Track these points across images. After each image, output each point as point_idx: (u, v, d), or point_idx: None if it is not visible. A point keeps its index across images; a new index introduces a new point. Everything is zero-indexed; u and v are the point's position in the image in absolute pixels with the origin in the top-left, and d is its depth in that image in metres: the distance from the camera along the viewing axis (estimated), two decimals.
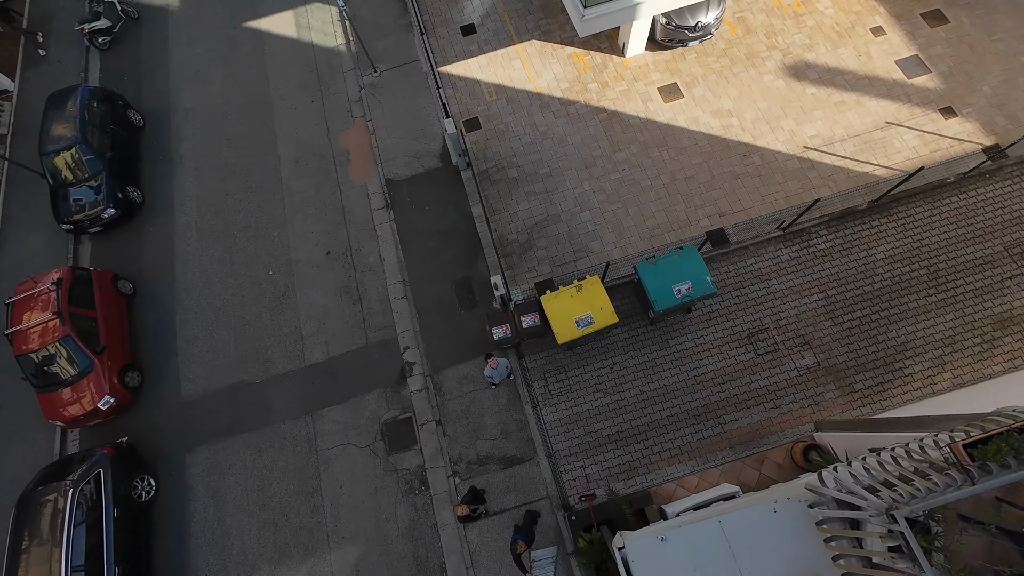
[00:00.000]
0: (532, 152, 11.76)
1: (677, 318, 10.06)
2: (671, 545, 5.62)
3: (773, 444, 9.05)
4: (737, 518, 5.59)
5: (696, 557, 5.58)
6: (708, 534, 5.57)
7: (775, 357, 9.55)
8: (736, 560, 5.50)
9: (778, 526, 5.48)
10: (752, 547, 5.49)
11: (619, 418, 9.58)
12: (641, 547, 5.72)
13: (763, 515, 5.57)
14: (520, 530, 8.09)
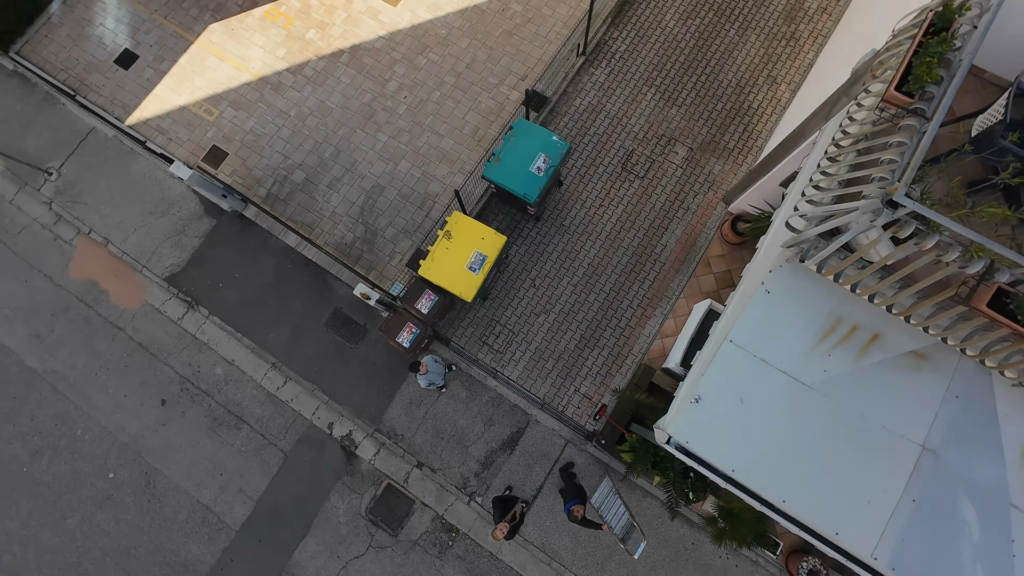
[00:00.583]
0: (301, 141, 9.10)
1: (555, 197, 8.64)
2: (706, 400, 4.74)
3: (706, 242, 8.27)
4: (743, 327, 4.79)
5: (735, 391, 4.76)
6: (730, 362, 4.75)
7: (655, 169, 8.67)
8: (767, 362, 4.74)
9: (781, 302, 4.82)
10: (771, 337, 4.76)
11: (573, 323, 8.24)
12: (685, 425, 4.76)
13: (762, 304, 4.83)
14: (566, 493, 6.68)
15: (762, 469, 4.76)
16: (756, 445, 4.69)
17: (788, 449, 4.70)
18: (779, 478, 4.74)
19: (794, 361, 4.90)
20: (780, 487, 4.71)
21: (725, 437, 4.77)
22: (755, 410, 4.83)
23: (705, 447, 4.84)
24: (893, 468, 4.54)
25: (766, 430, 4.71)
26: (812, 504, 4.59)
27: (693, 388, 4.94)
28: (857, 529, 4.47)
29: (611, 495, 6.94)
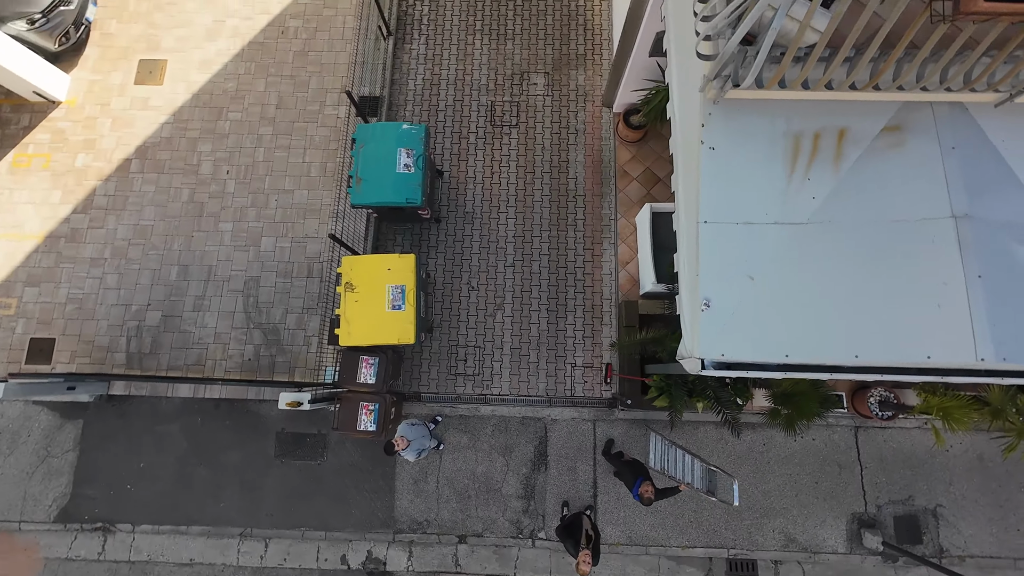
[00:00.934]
0: (135, 279, 7.65)
1: (443, 190, 7.49)
2: (715, 299, 3.96)
3: (611, 154, 7.86)
4: (708, 200, 4.03)
5: (739, 273, 3.98)
6: (715, 245, 3.99)
7: (524, 109, 8.00)
8: (753, 222, 4.03)
9: (731, 150, 4.08)
10: (742, 194, 4.03)
11: (532, 302, 7.34)
12: (709, 339, 3.94)
13: (713, 164, 4.04)
14: (623, 475, 5.78)
15: (814, 337, 3.88)
16: (792, 316, 3.81)
17: (826, 301, 3.85)
18: (836, 336, 3.88)
19: (778, 205, 4.05)
20: (843, 345, 3.86)
21: (757, 326, 3.86)
22: (770, 280, 3.94)
23: (744, 349, 3.90)
24: (939, 255, 3.81)
25: (793, 294, 3.84)
26: (885, 343, 3.78)
27: (694, 295, 3.99)
28: (946, 340, 3.70)
29: (668, 449, 5.92)
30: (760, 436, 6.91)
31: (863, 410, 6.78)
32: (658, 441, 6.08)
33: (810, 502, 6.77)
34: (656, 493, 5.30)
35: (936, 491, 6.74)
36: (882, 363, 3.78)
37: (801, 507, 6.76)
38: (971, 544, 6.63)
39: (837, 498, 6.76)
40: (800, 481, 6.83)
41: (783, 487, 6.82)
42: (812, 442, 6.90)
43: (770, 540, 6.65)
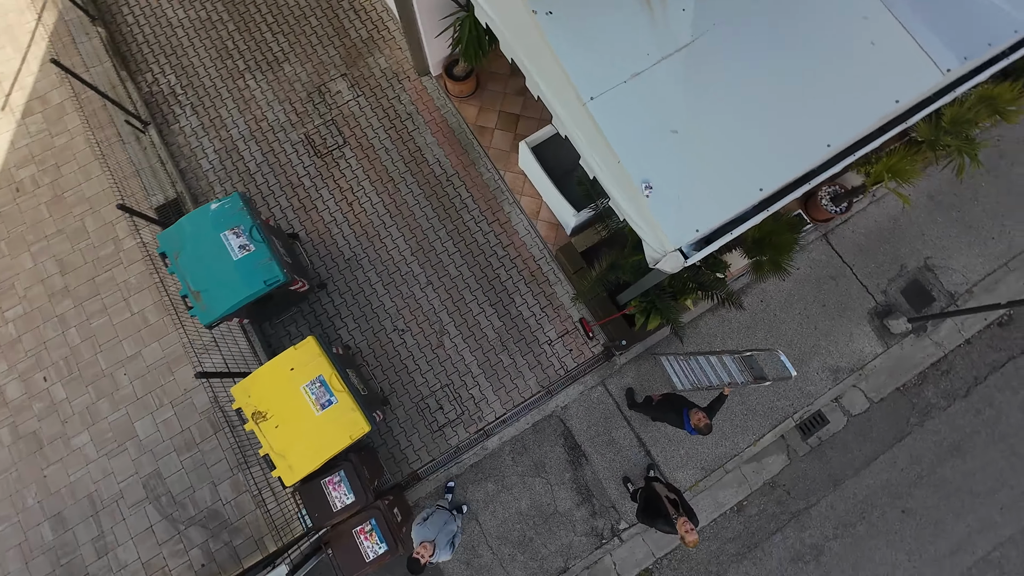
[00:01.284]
0: None
1: (306, 248, 6.15)
2: (653, 176, 3.20)
3: (458, 119, 7.08)
4: (579, 73, 3.25)
5: (657, 133, 3.26)
6: (615, 118, 3.25)
7: (341, 121, 6.99)
8: (639, 71, 3.31)
9: (576, 5, 3.29)
10: (612, 47, 3.31)
11: (472, 309, 6.33)
12: (674, 223, 3.23)
13: (564, 33, 3.32)
14: (665, 417, 5.02)
15: (778, 156, 3.14)
16: (739, 144, 3.05)
17: (762, 107, 3.11)
18: (798, 133, 3.17)
19: (654, 39, 3.25)
20: (809, 138, 3.15)
21: (713, 178, 3.06)
22: (693, 121, 3.15)
23: (713, 210, 3.10)
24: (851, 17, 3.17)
25: (726, 122, 3.08)
26: (849, 106, 3.12)
27: (629, 190, 3.10)
28: (903, 73, 3.10)
29: (688, 364, 5.16)
30: (753, 297, 6.37)
31: (821, 215, 6.42)
32: (673, 362, 5.29)
33: (830, 327, 6.33)
34: (708, 412, 4.46)
35: (917, 247, 6.57)
36: (862, 128, 3.10)
37: (825, 336, 6.31)
38: (969, 273, 6.53)
39: (848, 307, 6.38)
40: (811, 314, 6.37)
41: (801, 329, 6.33)
42: (798, 272, 6.46)
43: (820, 383, 6.16)
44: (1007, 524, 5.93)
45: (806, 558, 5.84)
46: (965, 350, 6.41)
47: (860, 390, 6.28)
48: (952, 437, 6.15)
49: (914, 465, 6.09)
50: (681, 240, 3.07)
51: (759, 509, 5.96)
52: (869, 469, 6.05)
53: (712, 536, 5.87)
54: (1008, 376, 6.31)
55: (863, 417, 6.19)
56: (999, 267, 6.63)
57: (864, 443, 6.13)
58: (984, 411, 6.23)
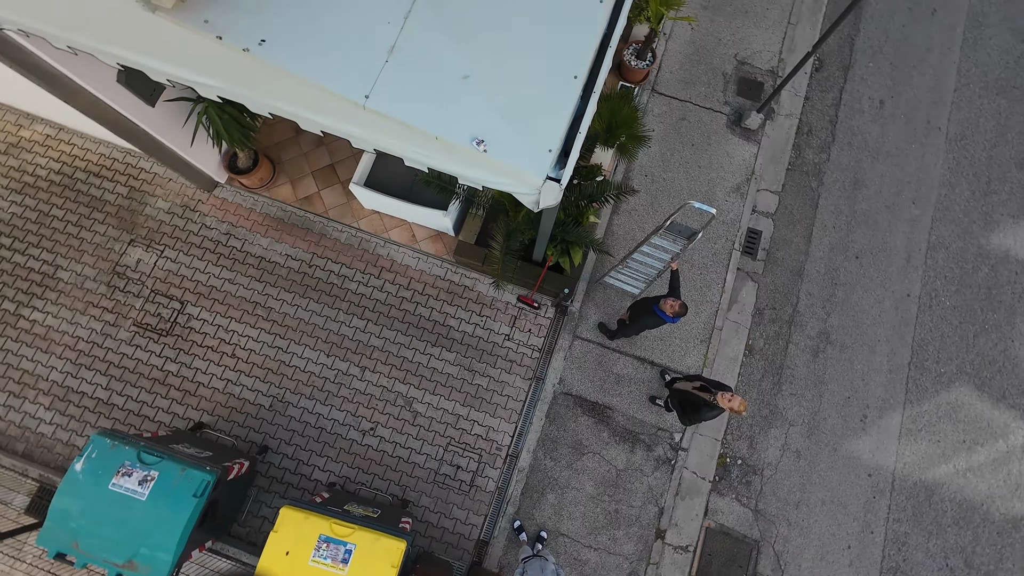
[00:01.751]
0: None
1: (217, 432, 5.16)
2: (478, 128, 2.95)
3: (273, 205, 5.83)
4: (328, 74, 2.89)
5: (439, 93, 2.98)
6: (398, 95, 2.93)
7: (160, 291, 5.48)
8: (397, 50, 2.95)
9: (253, 25, 2.91)
10: (342, 24, 2.92)
11: (402, 373, 5.50)
12: (519, 152, 3.05)
13: (276, 50, 2.94)
14: (644, 324, 4.99)
15: (569, 39, 2.95)
16: (536, 52, 2.91)
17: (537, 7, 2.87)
18: (574, 22, 2.98)
19: (384, 3, 2.87)
20: (586, 14, 2.98)
21: (530, 95, 2.84)
22: (478, 54, 2.86)
23: (551, 123, 2.90)
24: None
25: (509, 40, 2.85)
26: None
27: (468, 158, 2.78)
28: None
29: (627, 267, 5.06)
30: (638, 178, 6.49)
31: (638, 75, 6.57)
32: (616, 275, 5.17)
33: (708, 158, 6.60)
34: (675, 297, 4.38)
35: (723, 52, 6.95)
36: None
37: (710, 167, 6.60)
38: (770, 46, 7.05)
39: (710, 133, 6.68)
40: (688, 158, 6.61)
41: (689, 174, 6.62)
42: (656, 133, 6.64)
43: (733, 206, 6.48)
44: (924, 211, 6.58)
45: (822, 347, 6.10)
46: (809, 106, 6.93)
47: (764, 190, 6.58)
48: (847, 176, 6.67)
49: (839, 217, 6.54)
50: (543, 168, 2.80)
51: (764, 339, 6.11)
52: (812, 245, 6.41)
53: (747, 387, 5.94)
54: (848, 104, 6.92)
55: (780, 209, 6.52)
56: (787, 27, 7.18)
57: (795, 228, 6.47)
58: (853, 141, 6.80)
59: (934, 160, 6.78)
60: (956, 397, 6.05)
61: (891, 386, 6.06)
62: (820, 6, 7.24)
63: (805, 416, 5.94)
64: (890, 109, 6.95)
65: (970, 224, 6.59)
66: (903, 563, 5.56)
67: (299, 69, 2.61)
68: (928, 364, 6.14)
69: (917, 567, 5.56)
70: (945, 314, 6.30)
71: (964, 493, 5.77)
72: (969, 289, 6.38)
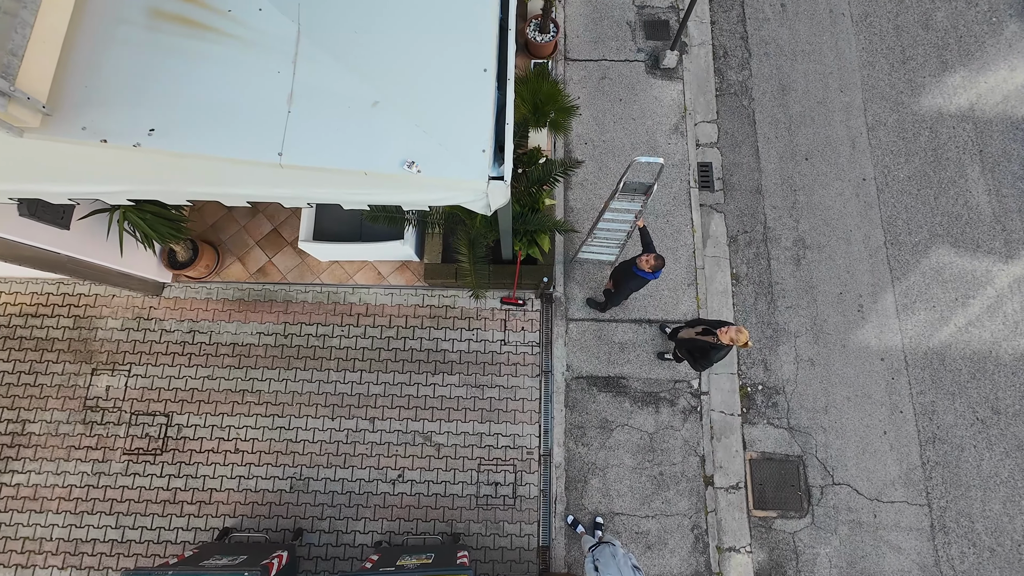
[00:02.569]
0: None
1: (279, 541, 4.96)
2: (406, 150, 2.82)
3: (212, 289, 5.47)
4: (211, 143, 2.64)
5: (355, 109, 2.86)
6: (310, 127, 2.73)
7: (154, 424, 5.13)
8: (296, 68, 2.76)
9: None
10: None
11: (420, 401, 5.52)
12: (459, 162, 2.90)
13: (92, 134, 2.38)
14: (630, 287, 4.89)
15: (459, 30, 2.79)
16: (432, 57, 2.65)
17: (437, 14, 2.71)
18: (468, 13, 2.83)
19: (265, 58, 2.68)
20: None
21: (441, 100, 2.66)
22: (379, 72, 2.68)
23: (470, 121, 2.73)
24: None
25: (392, 44, 2.65)
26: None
27: (402, 182, 2.61)
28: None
29: (595, 239, 4.99)
30: (579, 148, 6.36)
31: (547, 48, 6.46)
32: (587, 248, 5.09)
33: (640, 107, 6.61)
34: (650, 251, 4.32)
35: (623, 2, 6.83)
36: None
37: (643, 115, 6.58)
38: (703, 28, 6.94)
39: (632, 83, 6.69)
40: (620, 114, 6.60)
41: (626, 128, 6.64)
42: (581, 99, 6.54)
43: (676, 146, 6.46)
44: (853, 95, 6.66)
45: (801, 253, 6.15)
46: (717, 29, 6.94)
47: (701, 123, 6.56)
48: (773, 85, 6.71)
49: (778, 126, 6.58)
50: (482, 170, 2.66)
51: (745, 263, 6.12)
52: (762, 161, 6.44)
53: (745, 316, 5.94)
54: (753, 16, 7.00)
55: (722, 136, 6.52)
56: None
57: (741, 150, 6.48)
58: (768, 50, 6.83)
59: (847, 45, 6.86)
60: (936, 260, 6.17)
61: (875, 269, 6.15)
62: None
63: (806, 324, 5.98)
64: (792, 9, 7.00)
65: (898, 95, 6.70)
66: (937, 431, 5.67)
67: (199, 147, 2.40)
68: (902, 238, 6.25)
69: (951, 429, 5.67)
70: (903, 186, 6.41)
71: (972, 347, 5.91)
72: (917, 156, 6.50)
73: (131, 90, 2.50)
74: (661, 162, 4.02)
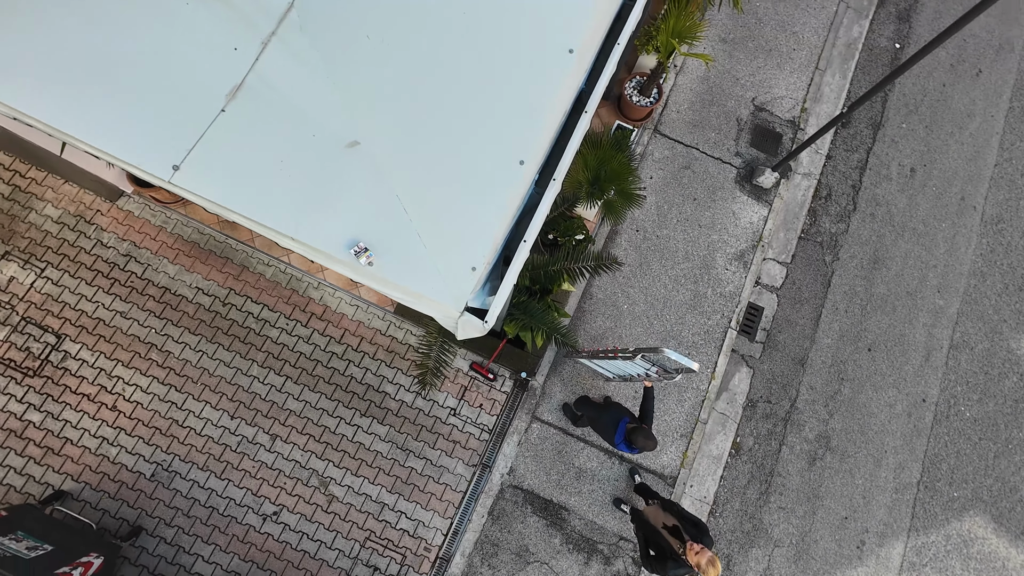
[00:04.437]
0: None
1: (71, 512, 4.09)
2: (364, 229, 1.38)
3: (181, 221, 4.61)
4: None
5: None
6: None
7: (36, 340, 4.31)
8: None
9: None
10: None
11: (338, 437, 4.81)
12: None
13: None
14: (599, 420, 4.12)
15: (529, 115, 1.87)
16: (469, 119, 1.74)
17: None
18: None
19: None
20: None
21: (448, 188, 1.72)
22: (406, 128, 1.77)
23: (482, 226, 1.79)
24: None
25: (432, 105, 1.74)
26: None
27: (346, 266, 1.67)
28: None
29: (598, 364, 4.05)
30: (627, 231, 5.40)
31: (639, 113, 5.54)
32: (589, 364, 4.13)
33: (712, 217, 5.59)
34: (645, 433, 3.39)
35: (739, 94, 5.98)
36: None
37: (712, 228, 5.64)
38: (792, 92, 6.13)
39: (716, 187, 5.65)
40: (688, 215, 5.58)
41: (687, 235, 5.60)
42: (652, 181, 5.60)
43: (734, 277, 5.63)
44: (950, 302, 5.63)
45: (820, 452, 5.14)
46: (831, 166, 5.95)
47: (771, 260, 5.59)
48: (866, 252, 5.71)
49: (852, 301, 5.57)
50: (460, 293, 1.74)
51: (753, 436, 5.13)
52: (820, 330, 5.43)
53: (728, 497, 4.95)
54: (875, 169, 5.97)
55: (787, 284, 5.53)
56: (813, 71, 6.19)
57: (802, 308, 5.49)
58: (876, 212, 5.83)
59: (966, 244, 5.83)
60: (969, 528, 5.11)
61: (896, 508, 5.11)
62: (853, 53, 6.25)
63: (794, 536, 4.96)
64: (921, 179, 5.99)
65: (1000, 323, 5.65)
66: None
67: (101, 143, 1.53)
68: (940, 485, 5.19)
69: None
70: (964, 427, 5.35)
71: None
72: (993, 400, 5.44)
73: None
74: (695, 369, 3.09)
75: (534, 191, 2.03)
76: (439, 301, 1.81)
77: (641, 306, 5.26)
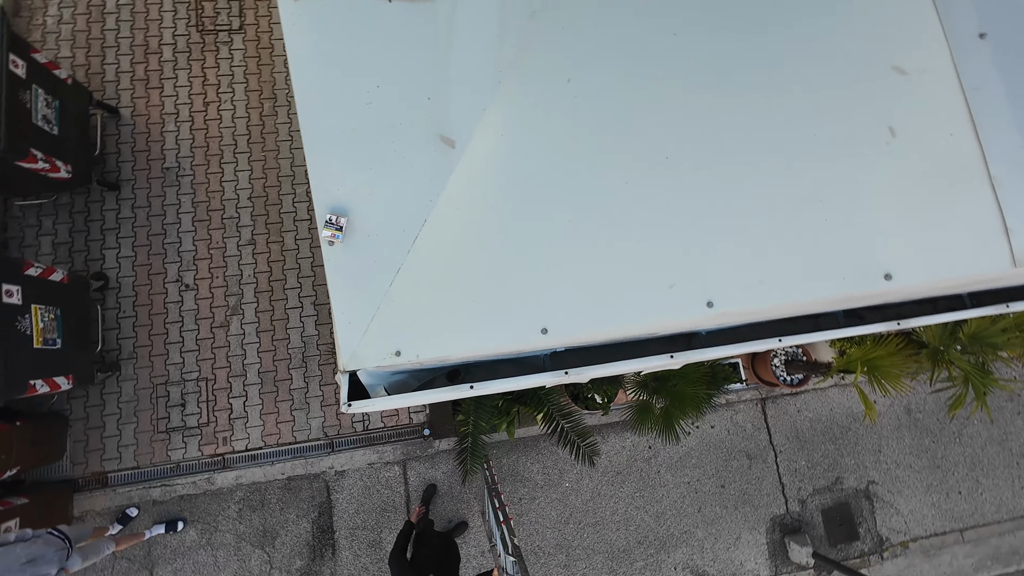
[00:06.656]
0: None
1: (119, 137, 4.69)
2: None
3: None
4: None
5: None
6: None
7: (229, 15, 4.66)
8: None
9: None
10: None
11: (285, 296, 4.81)
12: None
13: None
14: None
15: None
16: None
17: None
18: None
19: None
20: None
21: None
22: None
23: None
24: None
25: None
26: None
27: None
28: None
29: (489, 504, 3.47)
30: (615, 447, 4.66)
31: (766, 375, 4.72)
32: (489, 492, 3.59)
33: (717, 515, 4.65)
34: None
35: (865, 464, 4.89)
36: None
37: (707, 525, 4.63)
38: (912, 524, 4.88)
39: (750, 502, 4.69)
40: (701, 489, 4.69)
41: (680, 502, 4.66)
42: (711, 431, 4.78)
43: None
44: None
45: None
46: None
47: None
48: None
49: None
50: (359, 357, 1.34)
51: None
52: None
53: None
54: None
55: None
56: (951, 530, 4.98)
57: None
58: None
59: None
60: None
61: None
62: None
63: None
64: None
65: None
66: None
67: None
68: None
69: None
70: None
71: None
72: None
73: None
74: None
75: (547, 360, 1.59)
76: (342, 339, 1.47)
77: (578, 507, 4.53)
